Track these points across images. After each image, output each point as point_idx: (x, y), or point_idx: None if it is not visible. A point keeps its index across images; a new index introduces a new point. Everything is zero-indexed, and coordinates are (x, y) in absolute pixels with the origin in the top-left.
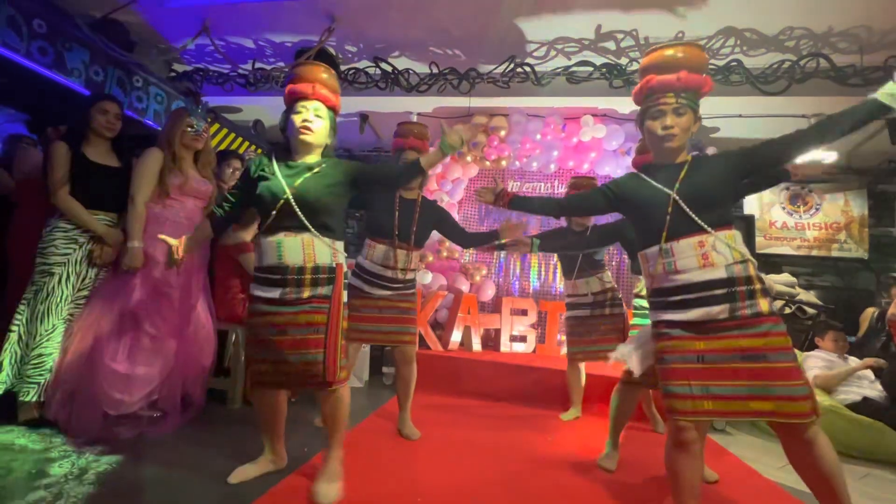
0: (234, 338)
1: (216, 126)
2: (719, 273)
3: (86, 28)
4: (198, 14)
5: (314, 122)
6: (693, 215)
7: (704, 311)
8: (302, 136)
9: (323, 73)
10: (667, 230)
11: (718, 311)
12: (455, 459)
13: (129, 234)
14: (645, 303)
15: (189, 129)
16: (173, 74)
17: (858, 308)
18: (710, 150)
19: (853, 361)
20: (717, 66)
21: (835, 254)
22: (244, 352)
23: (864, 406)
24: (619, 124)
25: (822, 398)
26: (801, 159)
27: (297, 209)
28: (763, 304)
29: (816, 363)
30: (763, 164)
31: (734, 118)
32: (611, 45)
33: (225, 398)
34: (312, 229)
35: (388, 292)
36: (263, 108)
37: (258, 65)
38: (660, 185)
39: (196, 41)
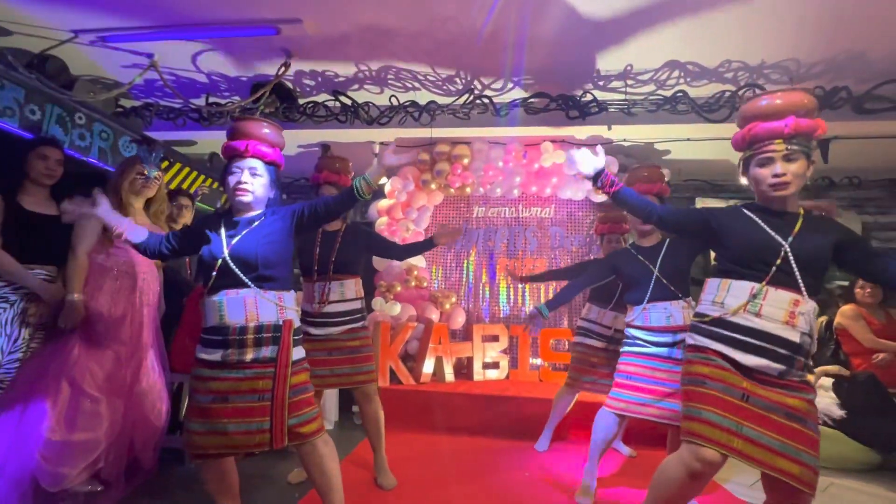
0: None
1: (166, 163)
2: (794, 336)
3: (20, 67)
4: (144, 49)
5: (249, 182)
6: (798, 274)
7: (762, 362)
8: (238, 198)
9: (264, 129)
10: (770, 277)
11: (774, 367)
12: None
13: (69, 287)
14: (637, 332)
15: (139, 176)
16: (120, 110)
17: None
18: (665, 171)
19: None
20: (665, 97)
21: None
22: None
23: (823, 417)
24: (578, 150)
25: None
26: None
27: (234, 267)
28: (810, 377)
29: None
30: (849, 263)
31: (683, 142)
32: (564, 77)
33: (181, 457)
34: (252, 285)
35: (334, 329)
36: (219, 142)
37: (212, 99)
38: (772, 232)
39: (144, 76)
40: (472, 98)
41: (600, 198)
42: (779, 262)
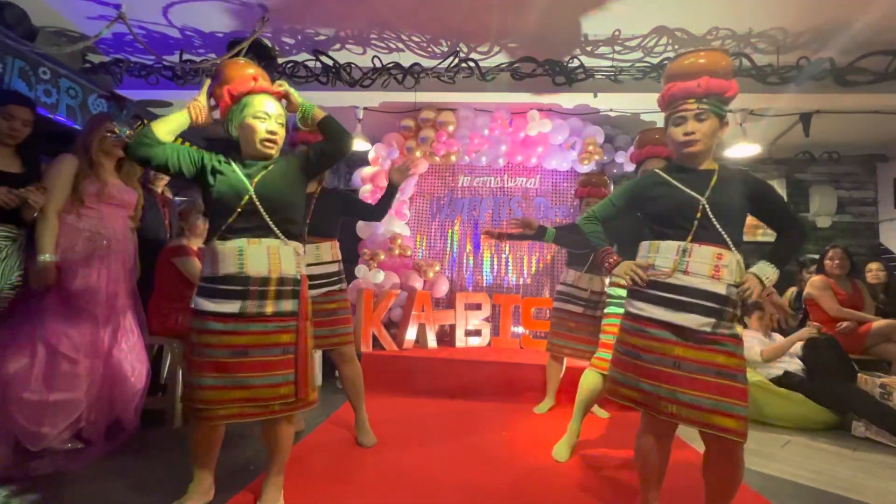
0: (172, 352)
1: (140, 125)
2: (720, 289)
3: None
4: None
5: (279, 132)
6: (719, 227)
7: (692, 318)
8: (266, 150)
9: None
10: (693, 233)
11: (703, 322)
12: (411, 463)
13: (40, 247)
14: (622, 292)
15: (109, 134)
16: (88, 66)
17: (781, 289)
18: None
19: (776, 338)
20: (652, 64)
21: (759, 238)
22: (182, 368)
23: (785, 379)
24: (564, 119)
25: (749, 374)
26: (731, 153)
27: (262, 209)
28: (738, 328)
29: (753, 342)
30: (761, 213)
31: None
32: (551, 42)
33: (163, 418)
34: (278, 232)
35: (311, 292)
36: None
37: (186, 56)
38: (689, 190)
39: (112, 29)
40: (457, 61)
41: (586, 167)
42: (698, 217)
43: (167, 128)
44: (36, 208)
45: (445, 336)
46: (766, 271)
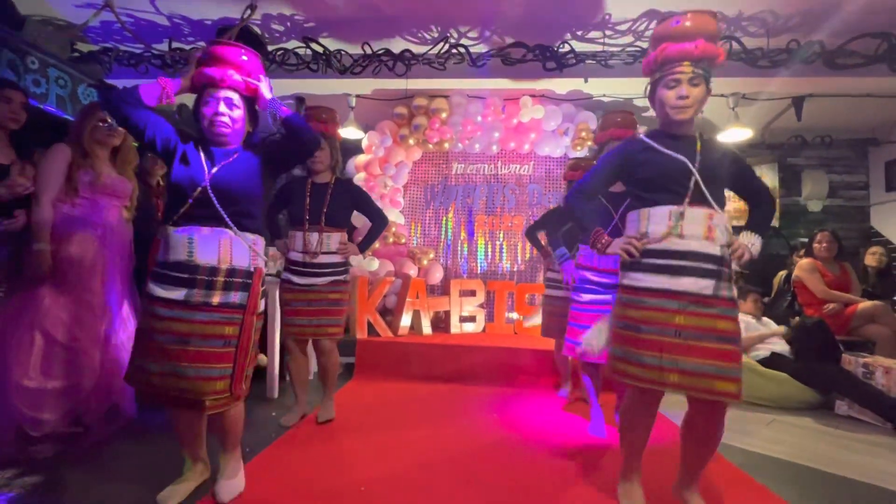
0: None
1: None
2: (715, 250)
3: None
4: None
5: (227, 113)
6: (706, 190)
7: (693, 282)
8: (216, 130)
9: (241, 56)
10: (691, 194)
11: (705, 285)
12: (401, 445)
13: (35, 236)
14: (588, 274)
15: (101, 123)
16: (77, 55)
17: (772, 272)
18: (641, 129)
19: (766, 321)
20: (642, 48)
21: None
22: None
23: (772, 361)
24: (557, 105)
25: None
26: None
27: (214, 198)
28: (735, 290)
29: (741, 326)
30: (737, 183)
31: None
32: (542, 27)
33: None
34: (230, 223)
35: (317, 280)
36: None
37: (175, 44)
38: (679, 155)
39: (100, 18)
40: (447, 47)
41: (579, 154)
42: (693, 181)
43: (151, 92)
44: (22, 192)
45: (441, 322)
46: (751, 239)
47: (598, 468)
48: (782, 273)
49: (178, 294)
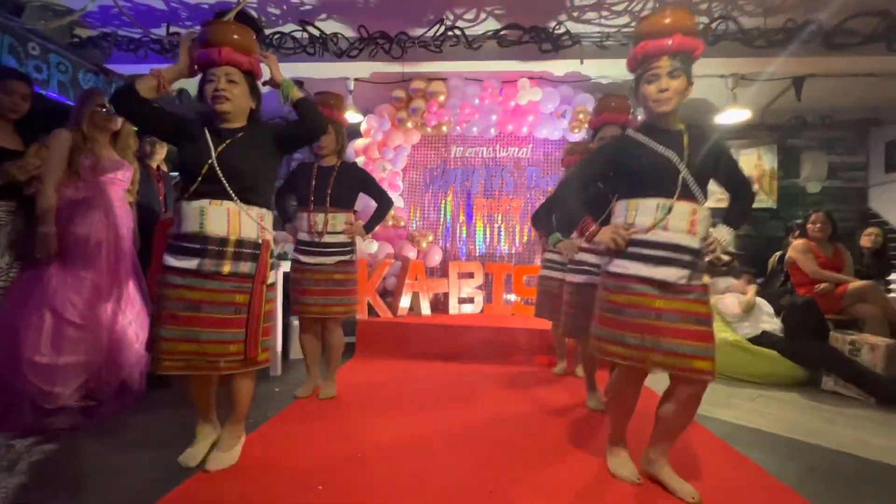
0: None
1: None
2: (695, 243)
3: None
4: None
5: (228, 89)
6: (692, 184)
7: (671, 272)
8: (218, 106)
9: (233, 35)
10: (679, 189)
11: (679, 275)
12: (400, 419)
13: (40, 220)
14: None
15: (101, 108)
16: (76, 40)
17: (769, 253)
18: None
19: (760, 301)
20: None
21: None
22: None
23: (762, 338)
24: (555, 87)
25: (727, 334)
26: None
27: (222, 175)
28: (706, 278)
29: (735, 301)
30: (721, 175)
31: None
32: (537, 8)
33: (169, 381)
34: (236, 198)
35: (326, 259)
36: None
37: (172, 29)
38: (668, 151)
39: (98, 2)
40: (443, 29)
41: (577, 136)
42: (681, 176)
43: (147, 85)
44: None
45: (440, 304)
46: (722, 233)
47: (589, 436)
48: (777, 253)
49: (191, 263)
